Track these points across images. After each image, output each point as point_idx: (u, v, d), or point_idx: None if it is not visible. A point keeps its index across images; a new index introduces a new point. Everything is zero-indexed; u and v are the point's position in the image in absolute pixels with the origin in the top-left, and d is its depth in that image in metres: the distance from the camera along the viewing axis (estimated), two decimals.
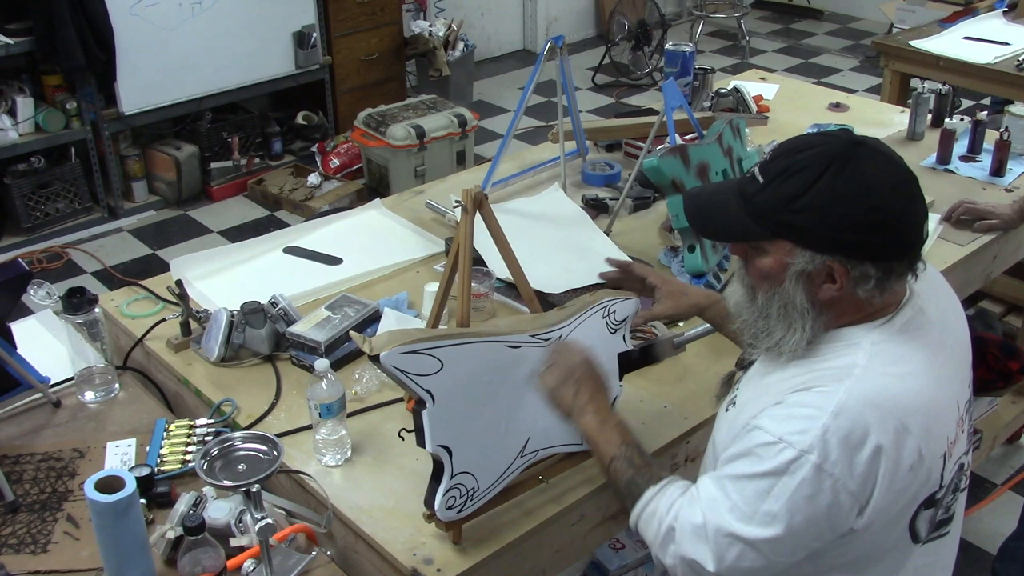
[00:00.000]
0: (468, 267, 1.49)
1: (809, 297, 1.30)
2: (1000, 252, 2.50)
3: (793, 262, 1.29)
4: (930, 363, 1.32)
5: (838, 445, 1.22)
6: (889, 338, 1.31)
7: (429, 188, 2.67)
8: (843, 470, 1.22)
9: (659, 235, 2.37)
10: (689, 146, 2.11)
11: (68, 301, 1.81)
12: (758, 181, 1.30)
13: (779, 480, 1.24)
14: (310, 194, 4.82)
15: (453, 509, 1.42)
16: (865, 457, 1.23)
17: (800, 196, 1.25)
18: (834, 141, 1.29)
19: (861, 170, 1.25)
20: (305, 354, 1.86)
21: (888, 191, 1.26)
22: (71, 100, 4.38)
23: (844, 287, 1.28)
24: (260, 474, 1.34)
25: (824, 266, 1.27)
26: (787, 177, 1.27)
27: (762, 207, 1.29)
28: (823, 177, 1.25)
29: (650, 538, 1.38)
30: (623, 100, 6.29)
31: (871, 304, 1.32)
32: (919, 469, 1.27)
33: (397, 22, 5.55)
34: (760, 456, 1.27)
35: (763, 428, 1.29)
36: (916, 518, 1.33)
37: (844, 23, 7.91)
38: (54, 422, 1.82)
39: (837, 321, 1.33)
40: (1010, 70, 3.71)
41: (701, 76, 2.97)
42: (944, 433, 1.32)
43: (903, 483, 1.26)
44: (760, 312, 1.36)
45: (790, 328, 1.32)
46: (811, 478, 1.23)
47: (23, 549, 1.52)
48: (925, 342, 1.33)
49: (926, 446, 1.27)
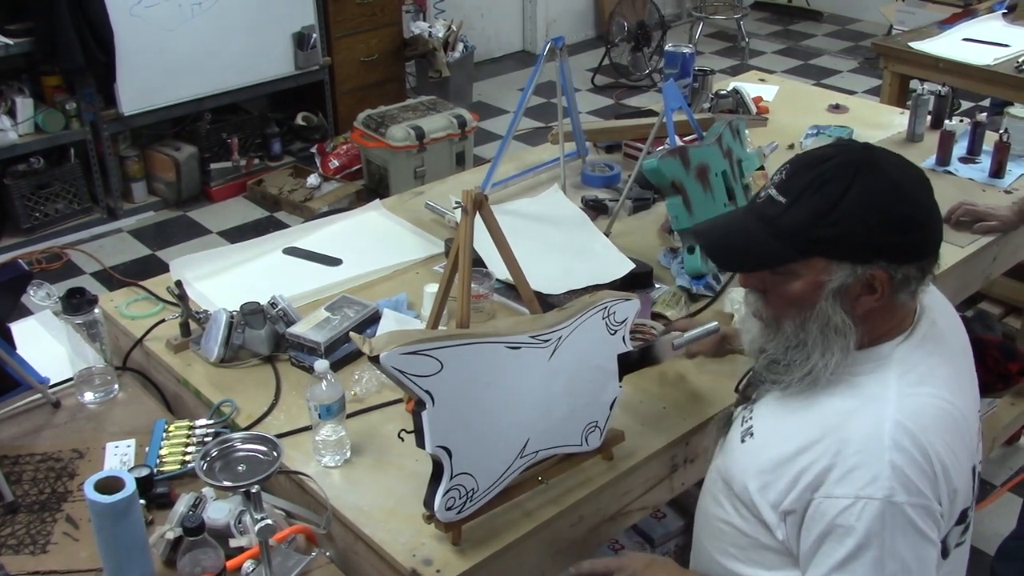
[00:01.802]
0: (468, 268, 1.49)
1: (849, 313, 1.27)
2: (999, 254, 2.50)
3: (830, 279, 1.25)
4: (952, 376, 1.32)
5: (912, 474, 1.21)
6: (913, 354, 1.30)
7: (429, 189, 2.67)
8: (925, 488, 1.22)
9: (659, 236, 2.37)
10: (689, 147, 2.11)
11: (67, 302, 1.81)
12: (779, 202, 1.27)
13: (881, 538, 1.21)
14: (309, 195, 4.82)
15: (452, 510, 1.42)
16: (933, 473, 1.22)
17: (833, 208, 1.23)
18: (849, 149, 1.28)
19: (886, 173, 1.24)
20: (305, 355, 1.86)
21: (916, 188, 1.26)
22: (71, 101, 4.38)
23: (884, 295, 1.26)
24: (260, 475, 1.34)
25: (864, 276, 1.24)
26: (813, 192, 1.24)
27: (791, 227, 1.25)
28: (853, 185, 1.22)
29: None
30: (623, 101, 6.29)
31: (901, 310, 1.31)
32: (961, 481, 1.27)
33: (397, 23, 5.55)
34: (847, 527, 1.23)
35: (831, 496, 1.24)
36: (948, 535, 1.32)
37: (844, 24, 7.91)
38: (53, 423, 1.82)
39: (869, 335, 1.30)
40: (1009, 72, 3.71)
41: (701, 77, 2.97)
42: (973, 444, 1.32)
43: (952, 492, 1.26)
44: (791, 341, 1.31)
45: (828, 350, 1.28)
46: (906, 515, 1.21)
47: (22, 550, 1.52)
48: (944, 354, 1.33)
49: (963, 457, 1.27)
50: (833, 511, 1.24)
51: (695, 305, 2.07)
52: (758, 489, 1.33)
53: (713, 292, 2.10)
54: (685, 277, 2.09)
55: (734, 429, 1.47)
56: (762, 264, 1.32)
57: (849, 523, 1.22)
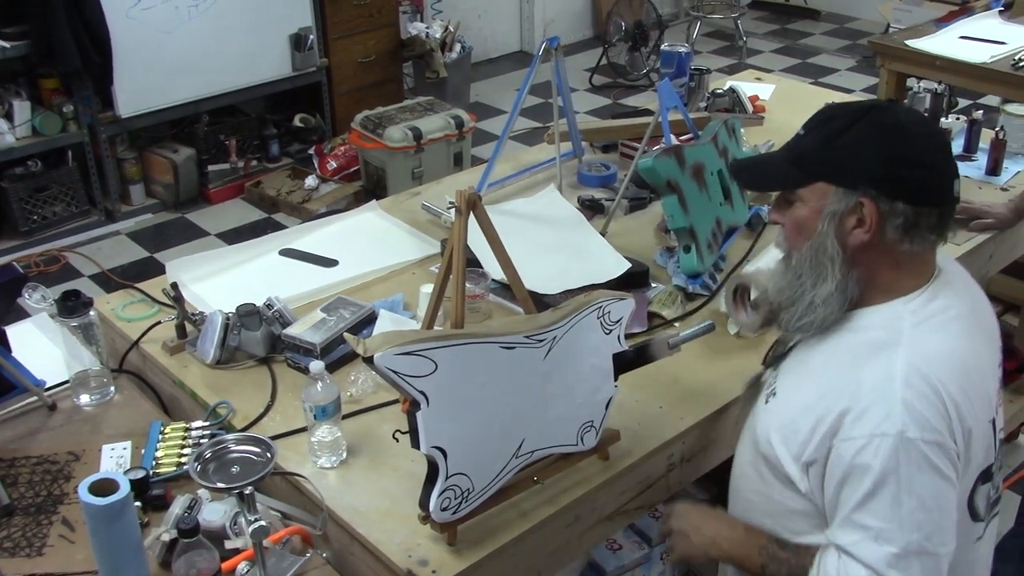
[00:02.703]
0: (462, 268, 1.49)
1: (839, 240, 1.34)
2: (996, 251, 2.49)
3: (827, 203, 1.33)
4: (968, 332, 1.36)
5: (923, 409, 1.25)
6: (927, 308, 1.35)
7: (425, 190, 2.67)
8: (938, 424, 1.25)
9: (655, 236, 2.37)
10: (684, 147, 2.10)
11: (63, 304, 1.81)
12: (799, 134, 1.40)
13: (897, 475, 1.25)
14: (307, 196, 4.82)
15: (448, 510, 1.42)
16: (946, 412, 1.26)
17: (838, 137, 1.33)
18: (874, 100, 1.39)
19: (896, 116, 1.34)
20: (301, 356, 1.86)
21: (922, 136, 1.33)
22: (68, 103, 4.38)
23: (874, 229, 1.31)
24: (253, 476, 1.34)
25: (855, 204, 1.31)
26: (826, 123, 1.36)
27: (802, 152, 1.38)
28: (862, 119, 1.32)
29: None
30: (620, 101, 6.29)
31: (903, 261, 1.34)
32: (977, 430, 1.30)
33: (394, 24, 5.55)
34: (863, 466, 1.27)
35: (848, 438, 1.29)
36: (975, 493, 1.35)
37: (841, 23, 7.92)
38: (49, 425, 1.82)
39: (873, 281, 1.36)
40: (1006, 69, 3.71)
41: (697, 77, 2.97)
42: (990, 395, 1.35)
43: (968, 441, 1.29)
44: (794, 273, 1.39)
45: (820, 278, 1.36)
46: (920, 451, 1.24)
47: (18, 552, 1.52)
48: (960, 312, 1.37)
49: (978, 405, 1.31)
50: (850, 452, 1.29)
51: (691, 304, 2.07)
52: (781, 442, 1.39)
53: (709, 291, 2.09)
54: (681, 276, 2.09)
55: (760, 395, 1.53)
56: (774, 184, 1.46)
57: (866, 462, 1.27)
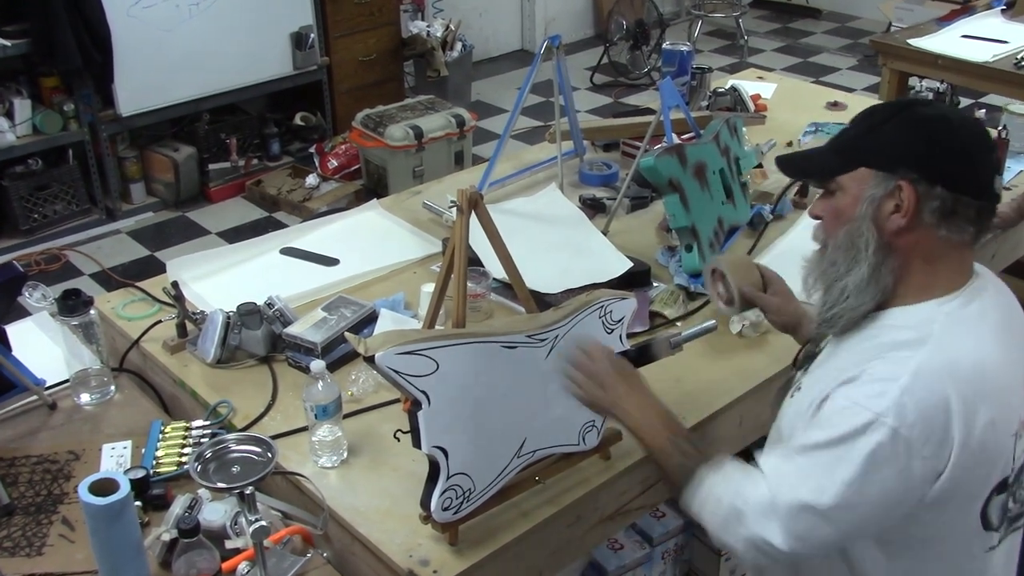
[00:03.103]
0: (463, 267, 1.49)
1: (876, 225, 1.32)
2: (998, 251, 2.49)
3: (866, 188, 1.33)
4: (1001, 340, 1.33)
5: (915, 408, 1.22)
6: (961, 312, 1.32)
7: (426, 188, 2.67)
8: (920, 434, 1.22)
9: (656, 235, 2.36)
10: (686, 145, 2.10)
11: (63, 303, 1.80)
12: (844, 128, 1.42)
13: (854, 445, 1.23)
14: (308, 195, 4.81)
15: (449, 510, 1.42)
16: (942, 422, 1.23)
17: (881, 125, 1.34)
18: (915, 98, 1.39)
19: (940, 109, 1.37)
20: (301, 355, 1.86)
21: (965, 129, 1.33)
22: (68, 102, 4.38)
23: (911, 213, 1.29)
24: (254, 476, 1.34)
25: (894, 188, 1.30)
26: (870, 116, 1.38)
27: (845, 142, 1.39)
28: (905, 111, 1.34)
29: (712, 523, 1.37)
30: (621, 100, 6.29)
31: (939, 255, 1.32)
32: (992, 444, 1.27)
33: (395, 22, 5.54)
34: (833, 422, 1.27)
35: (835, 396, 1.30)
36: (989, 504, 1.33)
37: (843, 22, 7.91)
38: (49, 424, 1.82)
39: (908, 275, 1.33)
40: (1008, 68, 3.70)
41: (699, 75, 2.97)
42: (1016, 411, 1.32)
43: (978, 455, 1.26)
44: (829, 260, 1.38)
45: (854, 261, 1.34)
46: (887, 442, 1.22)
47: (18, 552, 1.52)
48: (995, 319, 1.34)
49: (1000, 419, 1.27)
50: (830, 406, 1.30)
51: (693, 303, 2.07)
52: (803, 431, 1.37)
53: None
54: (683, 275, 2.08)
55: (787, 393, 1.51)
56: (815, 173, 1.48)
57: (836, 420, 1.27)
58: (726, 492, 1.35)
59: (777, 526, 1.27)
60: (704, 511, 1.38)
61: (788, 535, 1.27)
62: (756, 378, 1.84)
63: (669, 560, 2.45)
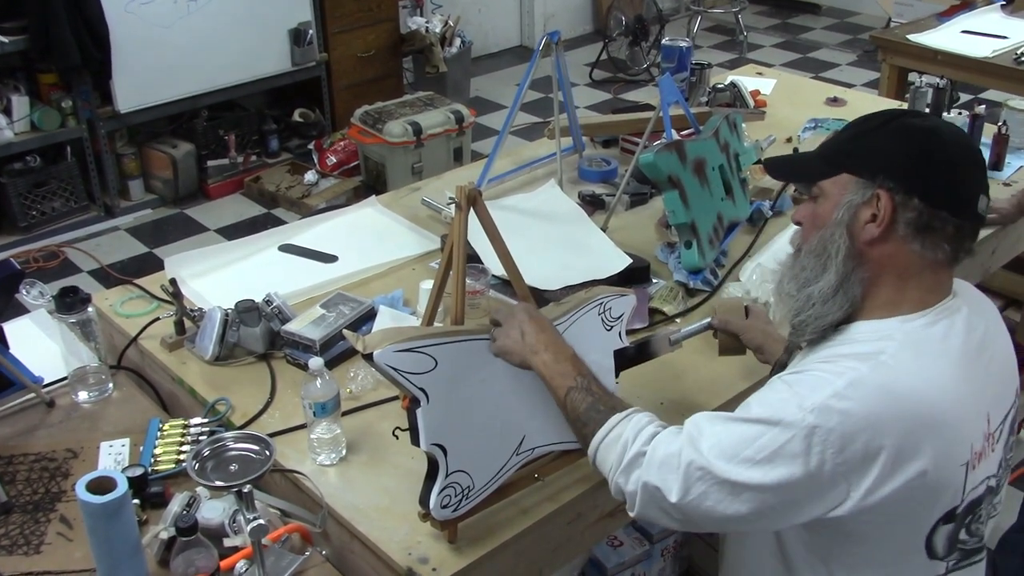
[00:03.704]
0: (462, 264, 1.48)
1: (849, 232, 1.31)
2: (998, 246, 2.49)
3: (846, 194, 1.31)
4: (960, 365, 1.28)
5: (839, 416, 1.20)
6: (923, 332, 1.29)
7: (425, 185, 2.66)
8: (836, 441, 1.20)
9: (656, 231, 2.36)
10: (685, 142, 2.10)
11: (61, 300, 1.80)
12: (836, 134, 1.41)
13: (770, 430, 1.23)
14: (307, 191, 4.80)
15: (448, 508, 1.41)
16: (863, 441, 1.20)
17: (870, 133, 1.33)
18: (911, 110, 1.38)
19: (932, 121, 1.35)
20: (300, 352, 1.85)
21: (954, 144, 1.30)
22: (67, 99, 4.37)
23: (885, 223, 1.28)
24: (252, 474, 1.33)
25: (872, 196, 1.29)
26: (860, 124, 1.37)
27: (832, 147, 1.39)
28: (894, 120, 1.32)
29: (612, 463, 1.34)
30: (621, 96, 6.28)
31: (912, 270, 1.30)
32: (934, 473, 1.23)
33: (393, 18, 5.53)
34: (761, 402, 1.28)
35: (774, 381, 1.31)
36: (934, 532, 1.29)
37: (842, 17, 7.90)
38: (47, 422, 1.81)
39: (876, 288, 1.31)
40: (1008, 64, 3.70)
41: (698, 71, 2.96)
42: (967, 440, 1.27)
43: (915, 482, 1.22)
44: (800, 264, 1.37)
45: (823, 268, 1.33)
46: (802, 438, 1.21)
47: (16, 550, 1.52)
48: (959, 343, 1.30)
49: (942, 449, 1.23)
50: (765, 390, 1.31)
51: (692, 300, 2.06)
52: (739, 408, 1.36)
53: (710, 287, 2.09)
54: (682, 272, 2.08)
55: None
56: (800, 175, 1.50)
57: (764, 400, 1.29)
58: (635, 437, 1.32)
59: (676, 479, 1.26)
60: (607, 452, 1.34)
61: (683, 491, 1.26)
62: (755, 375, 1.84)
63: (668, 557, 2.45)
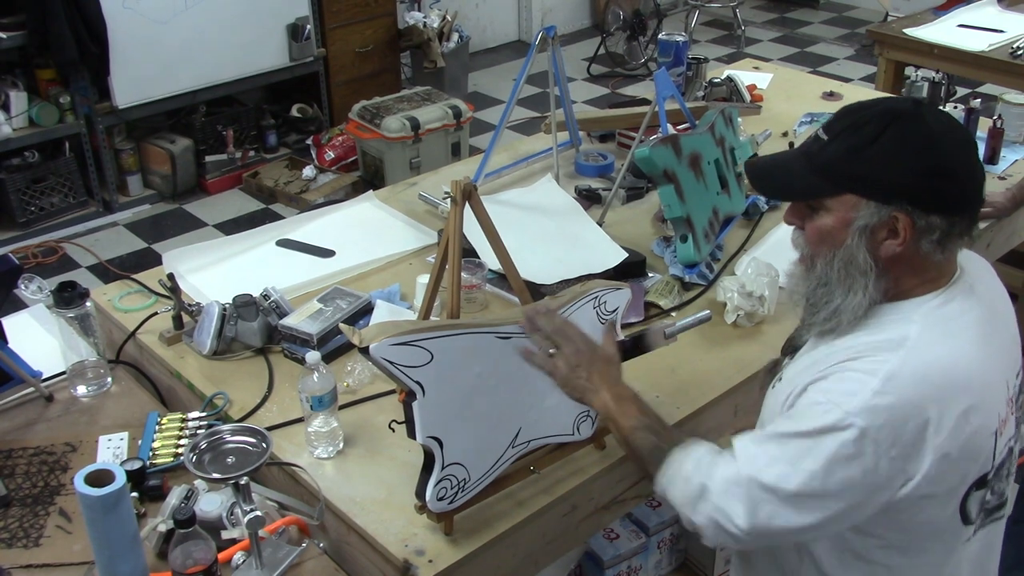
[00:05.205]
0: (457, 258, 1.49)
1: (871, 254, 1.30)
2: (994, 240, 2.50)
3: (857, 216, 1.29)
4: (980, 338, 1.31)
5: (885, 412, 1.22)
6: (941, 311, 1.31)
7: (422, 180, 2.67)
8: (887, 436, 1.22)
9: (652, 225, 2.36)
10: (681, 136, 2.10)
11: (59, 295, 1.81)
12: (822, 139, 1.32)
13: (821, 440, 1.24)
14: (305, 187, 4.81)
15: (444, 500, 1.42)
16: (912, 427, 1.23)
17: (866, 147, 1.27)
18: (897, 100, 1.33)
19: (927, 124, 1.28)
20: (297, 347, 1.86)
21: (954, 144, 1.29)
22: (65, 94, 4.38)
23: (907, 241, 1.28)
24: (248, 467, 1.34)
25: (889, 218, 1.28)
26: (852, 131, 1.29)
27: (827, 162, 1.31)
28: (890, 128, 1.27)
29: (679, 499, 1.36)
30: (619, 90, 6.28)
31: (929, 267, 1.31)
32: (970, 444, 1.27)
33: (391, 13, 5.53)
34: (805, 415, 1.28)
35: (810, 391, 1.30)
36: (967, 499, 1.33)
37: (840, 12, 7.90)
38: (46, 416, 1.82)
39: (896, 286, 1.33)
40: (1004, 58, 3.71)
41: (694, 66, 2.97)
42: (995, 409, 1.31)
43: (954, 457, 1.26)
44: (819, 280, 1.36)
45: (851, 290, 1.32)
46: (853, 440, 1.23)
47: (15, 543, 1.53)
48: (975, 317, 1.33)
49: (978, 420, 1.27)
50: (804, 402, 1.31)
51: (688, 294, 2.07)
52: (778, 420, 1.37)
53: (706, 281, 2.09)
54: (678, 266, 2.09)
55: (771, 383, 1.51)
56: (797, 195, 1.38)
57: (807, 414, 1.29)
58: (695, 470, 1.34)
59: (740, 504, 1.28)
60: (673, 488, 1.37)
61: (750, 515, 1.27)
62: (751, 368, 1.85)
63: (665, 550, 2.46)
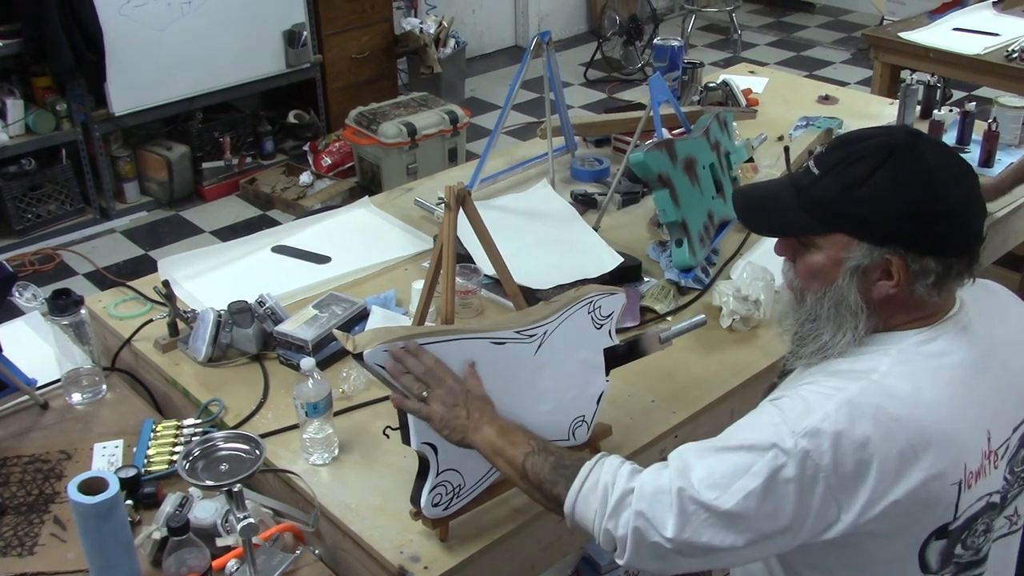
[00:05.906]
0: (452, 264, 1.49)
1: (863, 295, 1.26)
2: (989, 243, 2.47)
3: (848, 256, 1.24)
4: (955, 382, 1.25)
5: (831, 438, 1.18)
6: (919, 349, 1.26)
7: (418, 185, 2.67)
8: (829, 464, 1.18)
9: (647, 230, 2.36)
10: (676, 140, 2.11)
11: (54, 303, 1.81)
12: (813, 173, 1.27)
13: (763, 457, 1.20)
14: (302, 193, 4.81)
15: (439, 506, 1.42)
16: (855, 460, 1.18)
17: (859, 185, 1.22)
18: (893, 132, 1.27)
19: (923, 159, 1.22)
20: (293, 353, 1.86)
21: (951, 181, 1.22)
22: (61, 101, 4.37)
23: (901, 284, 1.23)
24: (242, 474, 1.34)
25: (882, 260, 1.23)
26: (845, 167, 1.23)
27: (817, 198, 1.25)
28: (884, 165, 1.21)
29: (595, 510, 1.27)
30: (615, 95, 6.28)
31: (924, 306, 1.27)
32: (922, 490, 1.20)
33: (388, 20, 5.53)
34: (752, 426, 1.25)
35: (764, 404, 1.28)
36: (926, 547, 1.27)
37: (836, 16, 7.91)
38: (41, 424, 1.82)
39: (885, 322, 1.28)
40: (999, 61, 3.71)
41: (690, 70, 2.97)
42: (959, 459, 1.23)
43: (900, 500, 1.20)
44: (808, 315, 1.31)
45: (840, 329, 1.28)
46: (796, 463, 1.18)
47: (9, 551, 1.52)
48: (957, 360, 1.27)
49: (933, 467, 1.20)
50: (755, 413, 1.28)
51: (684, 299, 2.07)
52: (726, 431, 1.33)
53: (702, 285, 2.09)
54: (674, 271, 2.09)
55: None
56: (785, 231, 1.33)
57: (754, 424, 1.26)
58: (615, 479, 1.27)
59: (670, 513, 1.21)
60: (585, 503, 1.28)
61: (679, 527, 1.21)
62: (746, 372, 1.85)
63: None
